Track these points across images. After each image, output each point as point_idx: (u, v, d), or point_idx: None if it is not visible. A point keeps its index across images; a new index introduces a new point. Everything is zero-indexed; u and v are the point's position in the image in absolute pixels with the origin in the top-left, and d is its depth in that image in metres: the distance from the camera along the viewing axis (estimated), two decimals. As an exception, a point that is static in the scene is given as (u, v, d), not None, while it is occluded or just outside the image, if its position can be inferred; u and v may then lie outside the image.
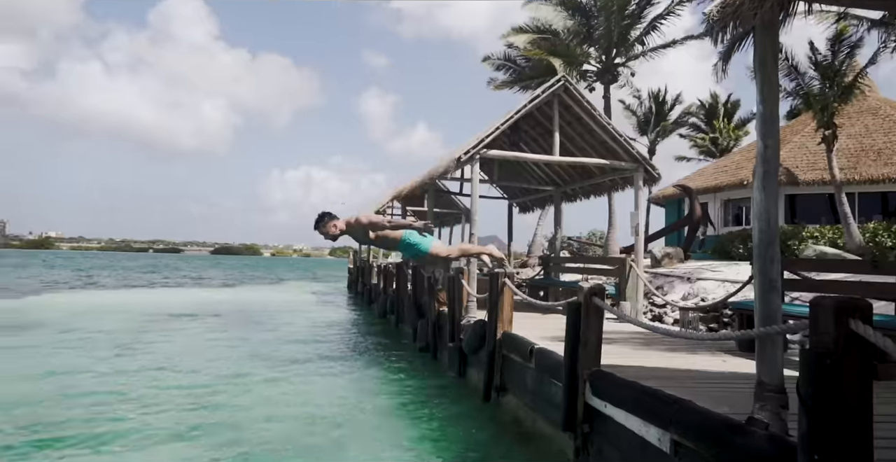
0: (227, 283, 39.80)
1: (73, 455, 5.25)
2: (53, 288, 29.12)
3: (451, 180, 15.09)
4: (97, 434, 5.78)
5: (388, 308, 17.17)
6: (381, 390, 8.30)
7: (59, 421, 6.29)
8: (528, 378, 6.43)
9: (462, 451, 5.65)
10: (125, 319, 16.33)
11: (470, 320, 9.00)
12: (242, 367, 9.59)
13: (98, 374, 8.92)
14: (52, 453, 5.30)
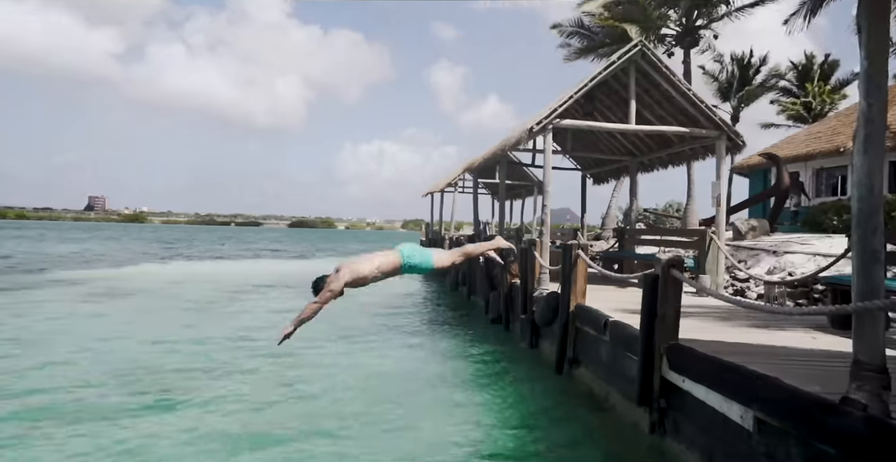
0: (303, 255, 41.16)
1: (161, 415, 5.59)
2: (145, 259, 31.03)
3: (523, 152, 14.88)
4: (184, 398, 6.12)
5: (459, 280, 17.30)
6: (452, 361, 8.40)
7: (154, 384, 6.73)
8: (602, 351, 6.34)
9: (534, 422, 5.65)
10: (210, 289, 17.22)
11: (542, 292, 8.93)
12: (319, 336, 9.93)
13: (187, 340, 9.46)
14: (148, 412, 5.69)
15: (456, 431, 5.29)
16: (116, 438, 4.85)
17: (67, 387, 6.46)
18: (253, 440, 4.78)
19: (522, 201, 26.39)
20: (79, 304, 13.29)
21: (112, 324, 10.91)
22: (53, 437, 4.95)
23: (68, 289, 16.27)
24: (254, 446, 4.67)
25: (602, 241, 20.77)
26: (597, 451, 4.96)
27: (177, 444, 4.72)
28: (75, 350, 8.36)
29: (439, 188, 26.61)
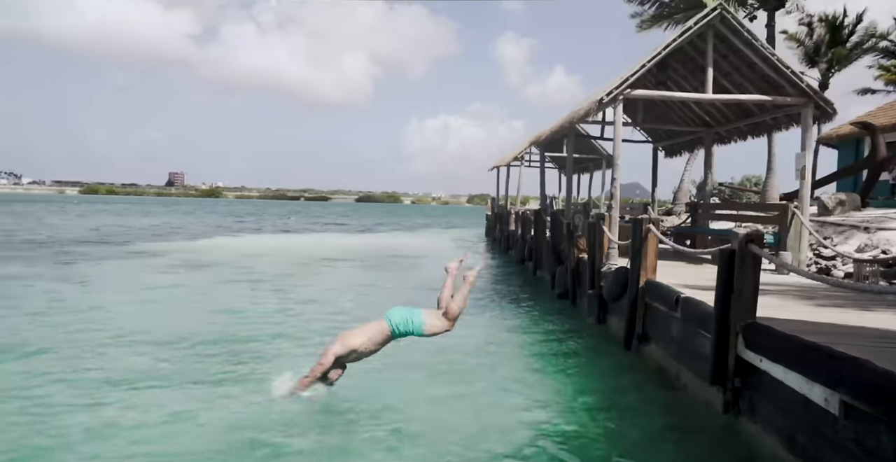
0: (368, 229, 41.89)
1: (229, 385, 5.83)
2: (218, 232, 32.40)
3: (591, 124, 14.51)
4: (256, 369, 6.31)
5: (525, 254, 17.20)
6: (518, 336, 8.38)
7: (225, 353, 7.03)
8: (673, 328, 6.16)
9: (602, 398, 5.58)
10: (278, 262, 17.80)
11: (611, 267, 8.75)
12: (384, 310, 10.06)
13: (258, 311, 9.83)
14: (219, 381, 5.97)
15: (522, 407, 5.27)
16: (183, 406, 5.07)
17: (143, 354, 6.82)
18: (321, 414, 4.87)
19: (590, 175, 25.86)
20: (158, 275, 14.04)
21: (188, 294, 11.46)
22: (125, 402, 5.24)
23: (147, 260, 17.22)
24: (321, 420, 4.74)
25: (673, 217, 20.11)
26: (668, 429, 4.86)
27: (247, 415, 4.89)
28: (153, 320, 8.82)
29: (505, 162, 26.36)
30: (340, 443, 4.43)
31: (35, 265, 15.15)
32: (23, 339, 7.46)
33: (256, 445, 4.32)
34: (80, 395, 5.36)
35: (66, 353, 6.78)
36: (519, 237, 19.38)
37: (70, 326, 8.15)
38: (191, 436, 4.50)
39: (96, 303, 10.12)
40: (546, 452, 4.35)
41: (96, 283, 12.51)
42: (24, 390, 5.47)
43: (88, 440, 4.40)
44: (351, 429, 4.66)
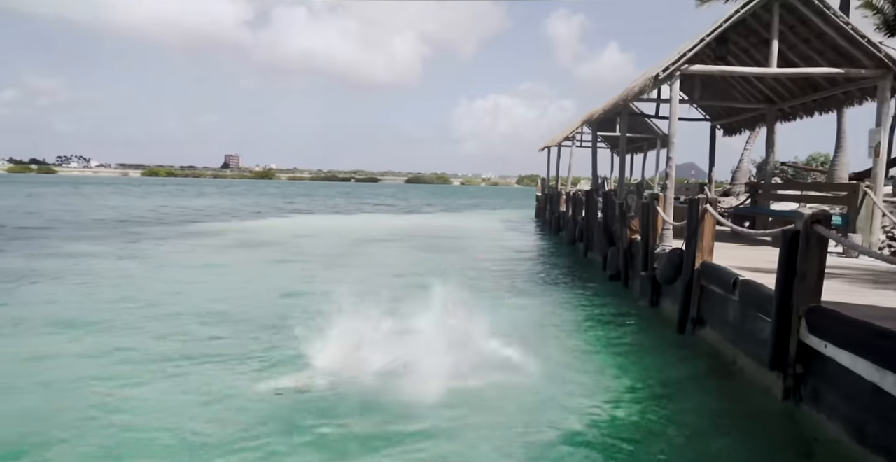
0: (418, 210, 42.11)
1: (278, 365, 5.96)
2: (270, 213, 33.18)
3: (645, 102, 14.11)
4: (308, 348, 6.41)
5: (576, 236, 16.97)
6: (569, 318, 8.29)
7: (278, 333, 7.19)
8: (730, 311, 5.97)
9: (655, 382, 5.47)
10: (330, 241, 18.11)
11: (665, 249, 8.53)
12: (432, 290, 10.05)
13: (310, 291, 10.01)
14: (269, 359, 6.11)
15: (573, 390, 5.20)
16: (230, 382, 5.23)
17: (194, 332, 7.06)
18: (369, 392, 4.90)
19: (644, 155, 25.17)
20: (214, 254, 14.53)
21: (243, 273, 11.81)
22: (170, 375, 5.44)
23: (203, 240, 17.80)
24: (368, 401, 4.76)
25: (731, 197, 19.43)
26: (724, 415, 4.73)
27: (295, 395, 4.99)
28: (209, 297, 9.12)
29: (556, 142, 25.92)
30: (389, 418, 4.48)
31: (102, 244, 15.89)
32: (89, 312, 7.85)
33: (299, 426, 4.40)
34: (137, 368, 5.61)
35: (129, 327, 7.10)
36: (570, 218, 19.12)
37: (132, 302, 8.52)
38: (235, 410, 4.64)
39: (157, 280, 10.55)
40: (598, 437, 4.29)
41: (157, 261, 13.02)
42: (91, 360, 5.76)
43: (147, 408, 4.60)
44: (402, 410, 4.68)
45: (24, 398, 4.90)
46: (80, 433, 4.20)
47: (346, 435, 4.25)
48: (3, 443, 4.04)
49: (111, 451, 3.98)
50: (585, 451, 4.07)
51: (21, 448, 3.95)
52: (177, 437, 4.16)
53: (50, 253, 13.78)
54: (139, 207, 33.84)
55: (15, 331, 6.95)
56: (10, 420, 4.42)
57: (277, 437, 4.17)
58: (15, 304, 8.42)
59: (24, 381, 5.22)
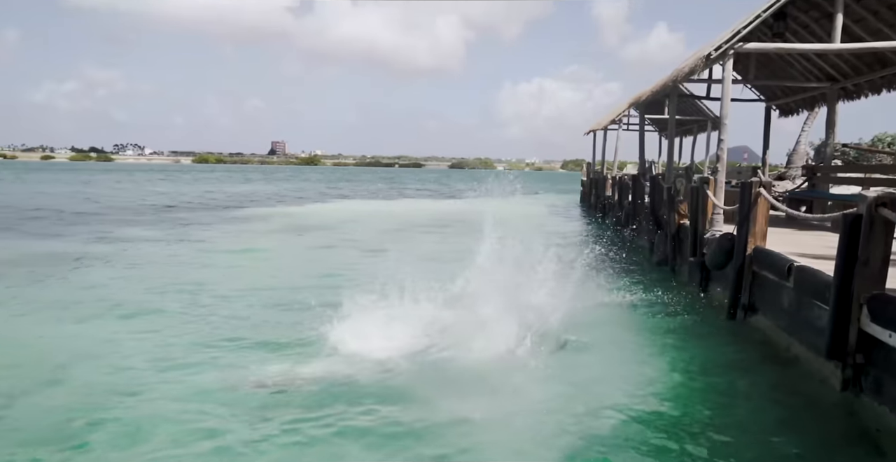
0: (461, 195, 42.00)
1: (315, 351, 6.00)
2: (316, 198, 33.68)
3: (696, 82, 13.62)
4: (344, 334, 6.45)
5: (622, 221, 16.67)
6: (614, 305, 8.11)
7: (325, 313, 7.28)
8: (784, 298, 5.75)
9: (704, 371, 5.32)
10: (373, 226, 18.24)
11: (715, 234, 8.28)
12: (474, 273, 10.02)
13: (355, 276, 10.10)
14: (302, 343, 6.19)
15: (618, 379, 5.08)
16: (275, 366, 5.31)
17: (239, 314, 7.21)
18: (414, 377, 4.89)
19: (693, 138, 24.42)
20: (259, 239, 14.85)
21: (284, 258, 12.04)
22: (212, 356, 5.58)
23: (249, 225, 18.23)
24: (412, 386, 4.76)
25: (786, 181, 18.70)
26: (777, 405, 4.57)
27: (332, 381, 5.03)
28: (256, 282, 9.29)
29: (602, 126, 25.42)
30: (436, 407, 4.47)
31: (152, 228, 16.43)
32: (135, 295, 8.14)
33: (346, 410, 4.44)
34: (175, 349, 5.78)
35: (174, 309, 7.34)
36: (616, 203, 18.79)
37: (178, 285, 8.81)
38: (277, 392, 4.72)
39: (203, 264, 10.85)
40: (645, 427, 4.19)
41: (203, 246, 13.39)
42: (137, 342, 5.97)
43: (194, 389, 4.73)
44: (446, 393, 4.68)
45: (71, 373, 5.10)
46: (122, 410, 4.35)
47: (397, 416, 4.28)
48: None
49: (143, 427, 4.10)
50: (632, 441, 3.98)
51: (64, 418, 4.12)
52: (212, 419, 4.25)
53: (103, 237, 14.32)
54: (187, 193, 34.85)
55: (65, 311, 7.25)
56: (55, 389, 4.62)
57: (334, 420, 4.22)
58: (68, 287, 8.79)
59: (75, 358, 5.44)
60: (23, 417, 4.26)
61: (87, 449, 3.80)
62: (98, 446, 3.83)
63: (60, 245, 12.91)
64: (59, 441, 3.87)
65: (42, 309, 7.36)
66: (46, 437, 3.93)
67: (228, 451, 3.77)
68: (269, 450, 3.81)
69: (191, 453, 3.74)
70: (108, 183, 46.18)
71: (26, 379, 4.91)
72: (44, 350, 5.70)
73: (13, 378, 4.92)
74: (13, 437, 3.95)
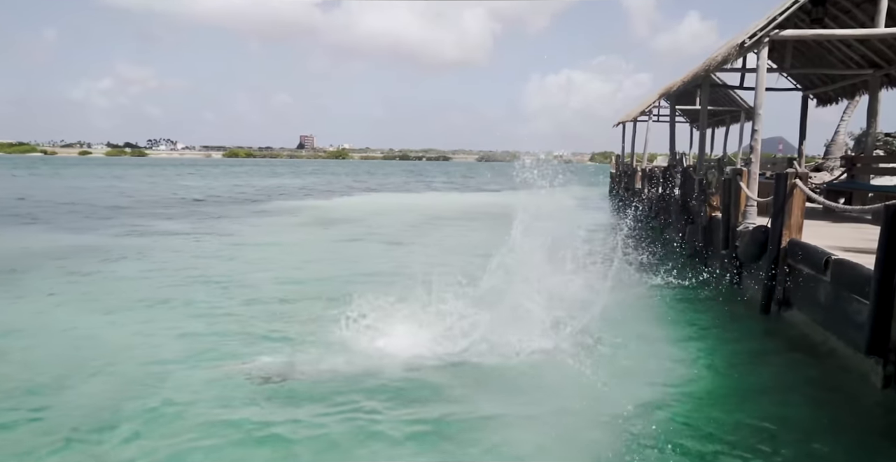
0: (487, 188, 41.83)
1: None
2: (343, 191, 33.87)
3: (729, 72, 13.29)
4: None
5: (652, 213, 16.40)
6: (644, 299, 7.96)
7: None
8: (821, 292, 5.57)
9: (738, 365, 5.17)
10: (398, 219, 18.25)
11: (748, 226, 8.06)
12: (502, 266, 9.92)
13: (382, 266, 10.13)
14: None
15: (649, 374, 4.97)
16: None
17: (270, 309, 7.26)
18: (439, 372, 4.86)
19: (726, 129, 23.90)
20: (284, 232, 15.03)
21: (311, 251, 12.11)
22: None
23: (277, 218, 18.43)
24: (441, 383, 4.73)
25: (824, 172, 18.18)
26: (814, 402, 4.42)
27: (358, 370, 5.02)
28: (286, 273, 9.37)
29: (631, 117, 25.03)
30: (471, 398, 4.44)
31: (181, 222, 16.69)
32: (171, 286, 8.25)
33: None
34: (216, 341, 5.83)
35: (209, 301, 7.42)
36: (645, 195, 18.49)
37: (210, 277, 8.92)
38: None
39: (230, 258, 10.97)
40: (678, 424, 4.07)
41: (231, 239, 13.56)
42: (167, 331, 6.05)
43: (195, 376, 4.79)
44: (478, 385, 4.65)
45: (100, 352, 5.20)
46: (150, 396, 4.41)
47: (423, 413, 4.24)
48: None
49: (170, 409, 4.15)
50: (666, 439, 3.84)
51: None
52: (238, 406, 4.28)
53: (134, 231, 14.61)
54: (217, 187, 35.41)
55: (98, 302, 7.41)
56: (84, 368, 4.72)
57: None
58: (101, 278, 8.98)
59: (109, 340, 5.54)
60: (59, 405, 4.34)
61: (120, 434, 3.86)
62: (130, 431, 3.89)
63: (93, 238, 13.20)
64: (95, 428, 3.94)
65: (76, 300, 7.53)
66: (82, 424, 4.01)
67: (251, 441, 3.79)
68: (292, 440, 3.81)
69: (216, 443, 3.77)
70: (140, 177, 47.20)
71: (62, 367, 5.01)
72: (79, 340, 5.83)
73: (51, 366, 5.04)
74: (55, 421, 4.05)
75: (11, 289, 8.05)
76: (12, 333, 6.02)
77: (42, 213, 18.31)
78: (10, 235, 13.51)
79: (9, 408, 4.23)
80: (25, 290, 8.03)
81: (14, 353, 5.44)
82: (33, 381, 4.70)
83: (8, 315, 6.76)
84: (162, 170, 66.73)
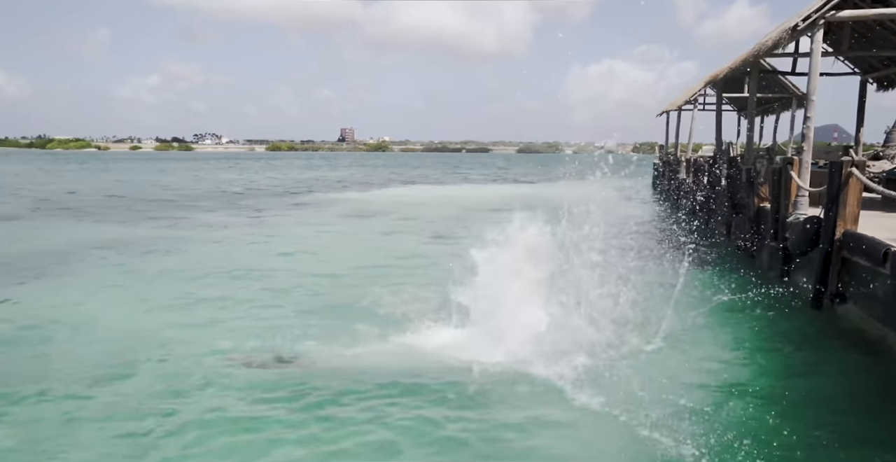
0: (526, 179, 41.49)
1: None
2: (381, 184, 34.08)
3: (780, 57, 12.78)
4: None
5: (698, 204, 15.98)
6: (689, 292, 7.72)
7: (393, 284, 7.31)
8: (880, 286, 5.31)
9: (789, 362, 5.01)
10: (437, 212, 18.25)
11: (799, 217, 7.75)
12: (543, 260, 9.79)
13: (423, 259, 10.13)
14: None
15: (695, 370, 4.83)
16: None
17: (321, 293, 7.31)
18: (482, 371, 4.78)
19: (776, 117, 23.06)
20: (323, 224, 15.24)
21: (350, 242, 12.25)
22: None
23: (313, 210, 18.69)
24: (484, 381, 4.65)
25: (883, 161, 17.35)
26: (873, 398, 4.21)
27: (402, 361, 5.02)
28: (314, 269, 9.47)
29: (676, 106, 24.40)
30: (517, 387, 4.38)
31: (224, 214, 17.04)
32: (215, 275, 8.44)
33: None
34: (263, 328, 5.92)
35: (252, 290, 7.57)
36: (690, 186, 18.03)
37: (251, 268, 9.14)
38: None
39: (274, 248, 11.18)
40: (730, 426, 3.91)
41: (272, 230, 13.83)
42: (212, 318, 6.18)
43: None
44: (521, 383, 4.60)
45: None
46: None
47: (467, 411, 4.20)
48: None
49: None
50: (717, 439, 3.70)
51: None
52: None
53: (178, 222, 15.03)
54: (256, 180, 36.14)
55: (148, 290, 7.68)
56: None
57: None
58: (145, 267, 9.27)
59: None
60: (115, 385, 4.53)
61: (172, 414, 4.02)
62: (172, 418, 4.01)
63: (138, 230, 13.65)
64: (148, 409, 4.10)
65: (127, 288, 7.82)
66: (135, 406, 4.18)
67: (297, 431, 3.83)
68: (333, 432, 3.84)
69: (259, 436, 3.82)
70: (184, 171, 48.47)
71: (118, 352, 5.21)
72: (128, 325, 6.05)
73: (108, 351, 5.24)
74: (115, 402, 4.24)
75: (62, 277, 8.41)
76: (67, 320, 6.26)
77: (91, 206, 19.04)
78: (59, 227, 14.08)
79: (61, 389, 4.39)
80: (76, 278, 8.37)
81: (62, 343, 5.64)
82: (84, 369, 4.87)
83: (60, 301, 7.04)
84: (206, 163, 68.43)
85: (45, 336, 5.73)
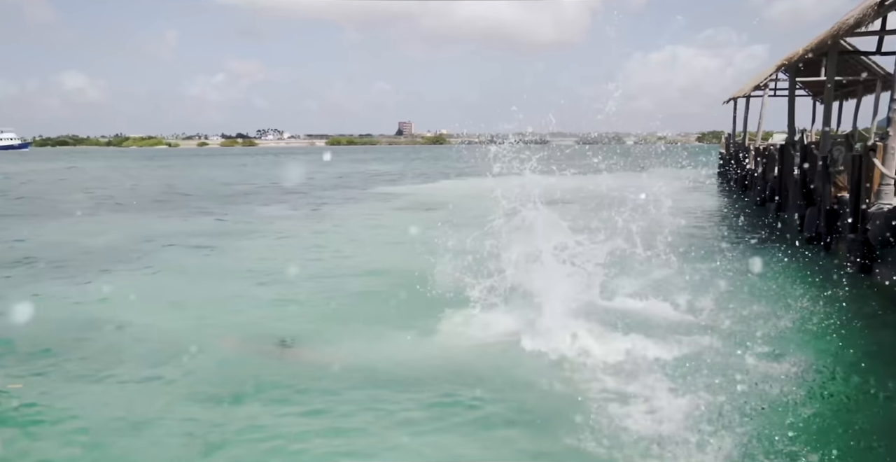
0: (588, 170, 40.68)
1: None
2: (438, 177, 34.28)
3: (863, 35, 11.98)
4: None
5: (767, 195, 15.27)
6: (763, 285, 7.35)
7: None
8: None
9: (873, 364, 4.64)
10: (500, 203, 18.10)
11: (882, 208, 7.24)
12: (608, 252, 9.52)
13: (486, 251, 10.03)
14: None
15: (769, 370, 4.57)
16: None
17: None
18: (531, 364, 4.82)
19: (857, 101, 21.69)
20: (384, 216, 15.56)
21: (410, 233, 12.26)
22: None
23: (379, 203, 19.03)
24: (531, 377, 4.67)
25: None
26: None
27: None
28: (371, 262, 9.68)
29: (745, 92, 23.36)
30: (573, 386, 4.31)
31: (290, 207, 17.50)
32: (280, 264, 8.74)
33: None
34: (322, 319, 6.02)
35: (314, 280, 7.80)
36: (759, 176, 17.23)
37: (312, 256, 9.32)
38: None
39: (337, 240, 11.42)
40: (810, 431, 3.69)
41: (341, 222, 14.19)
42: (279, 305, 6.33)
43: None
44: (583, 376, 4.51)
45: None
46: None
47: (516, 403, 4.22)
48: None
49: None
50: (788, 439, 3.52)
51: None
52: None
53: (248, 215, 15.60)
54: (318, 174, 36.87)
55: (224, 278, 8.20)
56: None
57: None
58: (225, 257, 9.99)
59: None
60: (186, 367, 4.84)
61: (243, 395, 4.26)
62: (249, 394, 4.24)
63: (211, 222, 14.25)
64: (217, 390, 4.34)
65: (204, 275, 8.52)
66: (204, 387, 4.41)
67: (345, 419, 3.87)
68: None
69: (309, 425, 3.90)
70: (235, 167, 50.15)
71: (189, 336, 5.48)
72: (205, 311, 6.41)
73: (181, 335, 5.58)
74: (184, 382, 4.53)
75: (153, 263, 9.31)
76: (151, 303, 6.80)
77: (182, 200, 20.21)
78: (152, 219, 14.99)
79: (144, 368, 4.74)
80: (160, 267, 9.09)
81: (141, 325, 6.02)
82: (159, 348, 5.22)
83: (149, 286, 7.74)
84: (264, 158, 70.87)
85: (125, 321, 6.17)
